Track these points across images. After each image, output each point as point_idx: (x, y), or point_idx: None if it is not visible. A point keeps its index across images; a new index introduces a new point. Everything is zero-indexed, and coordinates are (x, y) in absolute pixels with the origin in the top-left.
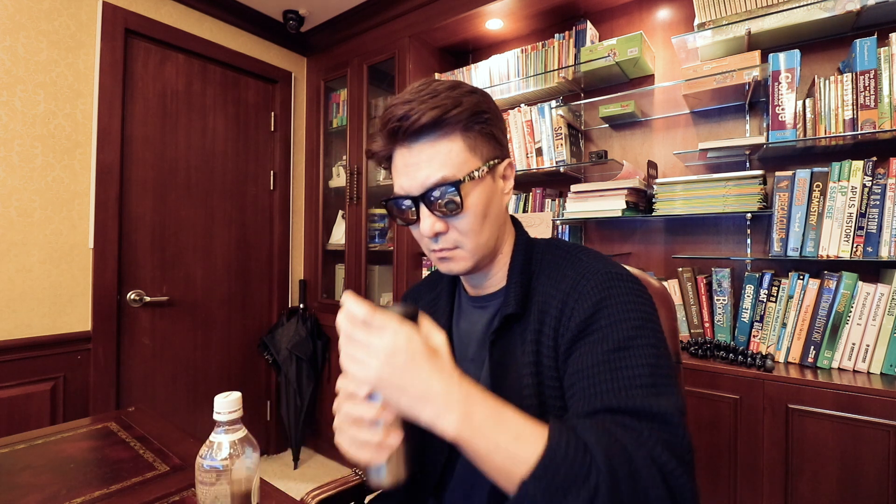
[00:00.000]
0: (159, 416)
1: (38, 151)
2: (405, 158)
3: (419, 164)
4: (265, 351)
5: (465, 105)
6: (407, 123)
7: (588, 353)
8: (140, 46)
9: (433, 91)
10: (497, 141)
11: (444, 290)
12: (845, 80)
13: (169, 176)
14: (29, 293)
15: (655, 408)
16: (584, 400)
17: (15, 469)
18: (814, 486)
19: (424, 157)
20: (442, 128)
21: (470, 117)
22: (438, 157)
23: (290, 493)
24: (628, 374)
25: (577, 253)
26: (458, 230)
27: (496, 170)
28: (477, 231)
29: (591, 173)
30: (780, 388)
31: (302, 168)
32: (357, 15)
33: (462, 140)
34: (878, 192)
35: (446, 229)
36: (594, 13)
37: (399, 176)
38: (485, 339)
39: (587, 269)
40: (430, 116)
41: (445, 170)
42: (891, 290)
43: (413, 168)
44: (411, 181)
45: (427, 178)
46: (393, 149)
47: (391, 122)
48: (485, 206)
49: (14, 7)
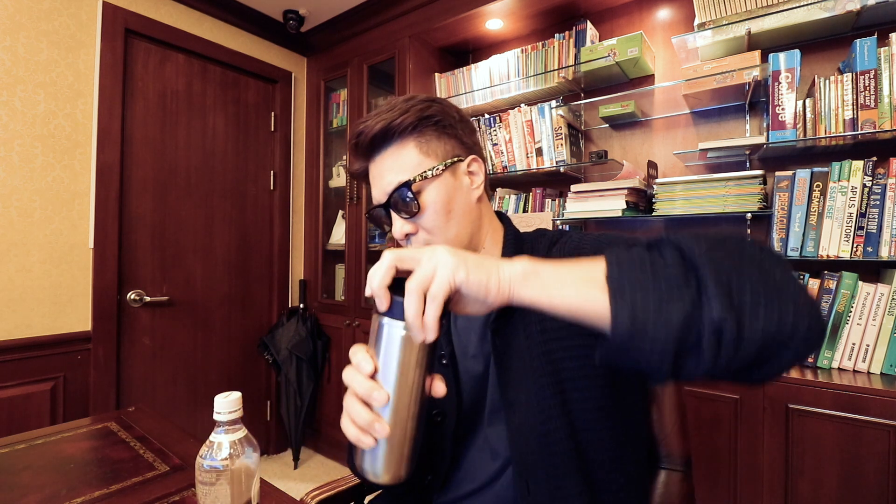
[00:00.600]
0: (159, 416)
1: (38, 151)
2: (372, 171)
3: (382, 173)
4: (265, 351)
5: (412, 112)
6: (361, 138)
7: None
8: (140, 46)
9: (389, 106)
10: (458, 140)
11: None
12: (845, 80)
13: (169, 176)
14: (29, 293)
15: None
16: None
17: (15, 469)
18: (814, 486)
19: (385, 166)
20: (394, 136)
21: (418, 121)
22: (396, 164)
23: (290, 493)
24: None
25: (562, 235)
26: (425, 229)
27: (458, 167)
28: (442, 227)
29: (591, 173)
30: (780, 388)
31: (302, 168)
32: (357, 15)
33: (415, 145)
34: (878, 192)
35: (416, 230)
36: (594, 13)
37: (372, 188)
38: (483, 333)
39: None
40: (379, 126)
41: (402, 175)
42: (891, 290)
43: (378, 178)
44: (378, 191)
45: (388, 185)
46: (366, 165)
47: (351, 139)
48: (445, 202)
49: (14, 7)
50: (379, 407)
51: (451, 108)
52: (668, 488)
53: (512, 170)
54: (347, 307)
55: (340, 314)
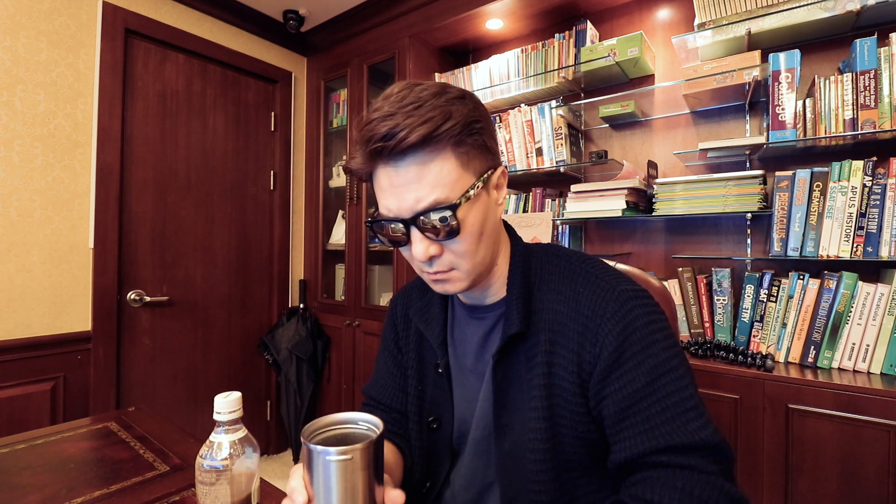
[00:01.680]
0: (159, 416)
1: (38, 151)
2: (391, 178)
3: (407, 185)
4: (265, 351)
5: (457, 117)
6: (392, 143)
7: (628, 385)
8: (140, 46)
9: (417, 100)
10: (489, 151)
11: (437, 297)
12: (845, 80)
13: (169, 176)
14: (29, 293)
15: (708, 440)
16: (640, 438)
17: (15, 469)
18: (814, 486)
19: (412, 176)
20: (431, 144)
21: (462, 131)
22: (429, 177)
23: None
24: (675, 400)
25: (582, 265)
26: (454, 252)
27: (490, 181)
28: (473, 252)
29: (591, 173)
30: (780, 387)
31: (302, 168)
32: (357, 15)
33: (454, 157)
34: (879, 192)
35: (441, 252)
36: (594, 13)
37: (385, 196)
38: (481, 350)
39: (602, 288)
40: (419, 134)
41: (438, 191)
42: (891, 290)
43: (401, 189)
44: (399, 203)
45: (417, 202)
46: (374, 166)
47: (373, 141)
48: (481, 224)
49: (14, 7)
50: None
51: (483, 106)
52: None
53: (512, 170)
54: (347, 307)
55: (340, 314)
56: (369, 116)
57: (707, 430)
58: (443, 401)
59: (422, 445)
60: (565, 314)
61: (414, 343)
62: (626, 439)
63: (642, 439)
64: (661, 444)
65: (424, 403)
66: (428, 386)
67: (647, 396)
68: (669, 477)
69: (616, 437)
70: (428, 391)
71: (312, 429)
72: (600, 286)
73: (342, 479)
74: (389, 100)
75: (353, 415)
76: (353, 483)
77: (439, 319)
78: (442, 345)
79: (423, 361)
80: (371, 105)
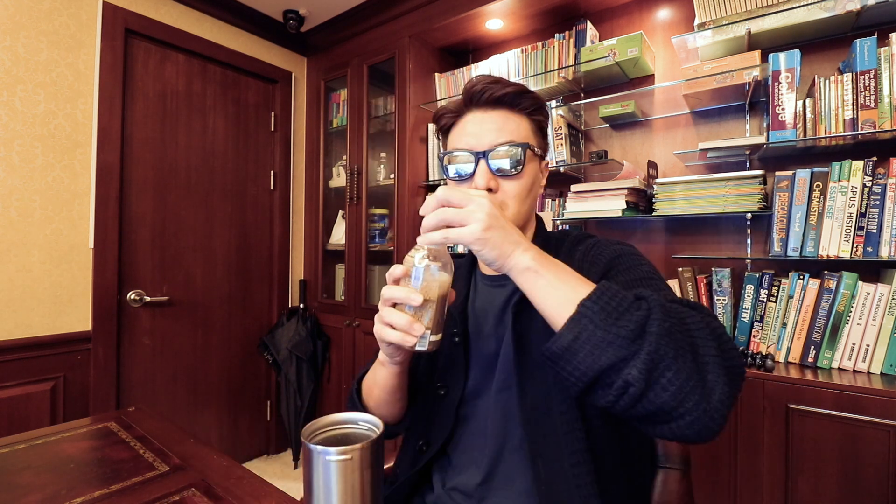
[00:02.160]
0: (159, 416)
1: (38, 151)
2: (477, 121)
3: (491, 128)
4: (265, 351)
5: (536, 98)
6: (495, 87)
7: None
8: (140, 46)
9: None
10: (545, 140)
11: (463, 270)
12: (845, 80)
13: (169, 176)
14: (29, 293)
15: (697, 304)
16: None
17: (15, 469)
18: (814, 486)
19: (497, 123)
20: (517, 105)
21: (536, 108)
22: (508, 127)
23: (291, 493)
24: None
25: (587, 236)
26: (507, 193)
27: (543, 160)
28: (522, 198)
29: (591, 173)
30: (780, 387)
31: (302, 168)
32: (357, 15)
33: (528, 123)
34: (879, 192)
35: (497, 188)
36: (594, 13)
37: (466, 135)
38: (502, 315)
39: (608, 242)
40: (514, 88)
41: (514, 136)
42: (891, 290)
43: (485, 130)
44: (479, 139)
45: (496, 139)
46: (467, 111)
47: (480, 83)
48: (532, 181)
49: (14, 7)
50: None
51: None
52: (667, 486)
53: None
54: (347, 307)
55: (340, 314)
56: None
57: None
58: (455, 369)
59: (424, 409)
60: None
61: None
62: None
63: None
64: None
65: (435, 371)
66: (441, 355)
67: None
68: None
69: None
70: (440, 361)
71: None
72: (607, 242)
73: (342, 478)
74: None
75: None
76: (353, 483)
77: (462, 292)
78: (462, 314)
79: None
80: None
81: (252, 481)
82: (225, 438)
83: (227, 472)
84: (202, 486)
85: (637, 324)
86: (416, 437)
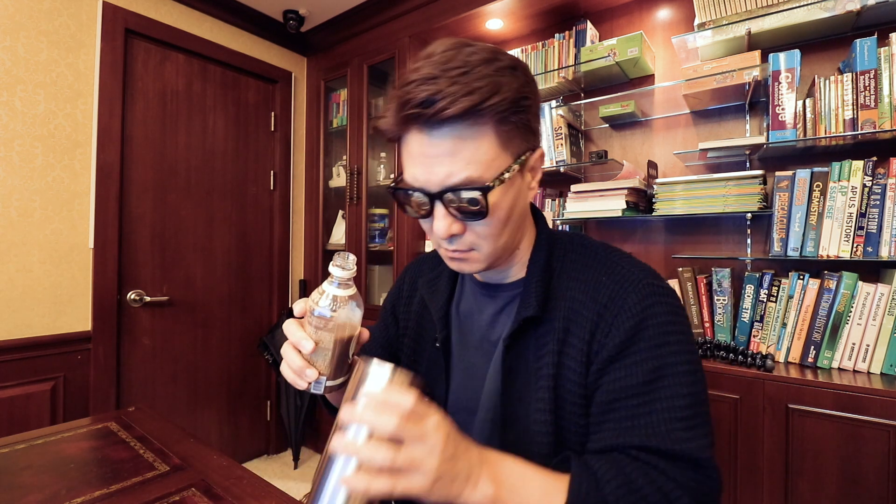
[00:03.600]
0: (159, 416)
1: (38, 151)
2: (422, 147)
3: (440, 157)
4: (265, 351)
5: (505, 92)
6: (430, 112)
7: (624, 378)
8: (140, 46)
9: (464, 65)
10: (532, 131)
11: (447, 271)
12: (845, 80)
13: (169, 176)
14: (29, 293)
15: (687, 451)
16: (617, 432)
17: (15, 469)
18: (814, 486)
19: (447, 149)
20: (473, 118)
21: (508, 108)
22: (464, 153)
23: (290, 493)
24: (666, 405)
25: (609, 255)
26: (477, 234)
27: (527, 164)
28: (497, 236)
29: (591, 173)
30: (780, 388)
31: (302, 168)
32: (357, 15)
33: (494, 134)
34: (879, 192)
35: (463, 231)
36: (594, 13)
37: (413, 164)
38: (489, 330)
39: (625, 279)
40: (461, 107)
41: (471, 169)
42: (891, 290)
43: (432, 161)
44: (428, 175)
45: (448, 177)
46: (406, 131)
47: (410, 105)
48: (510, 209)
49: (14, 7)
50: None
51: (534, 79)
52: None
53: None
54: None
55: None
56: (408, 77)
57: (693, 442)
58: (436, 377)
59: None
60: (582, 302)
61: (415, 314)
62: (604, 430)
63: (620, 434)
64: (636, 442)
65: (418, 374)
66: (423, 361)
67: (638, 395)
68: (625, 462)
69: (597, 428)
70: (422, 366)
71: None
72: (624, 276)
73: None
74: (433, 59)
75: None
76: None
77: (445, 292)
78: (442, 318)
79: (421, 334)
80: (412, 64)
81: (252, 481)
82: (225, 438)
83: (227, 472)
84: (202, 486)
85: None
86: None
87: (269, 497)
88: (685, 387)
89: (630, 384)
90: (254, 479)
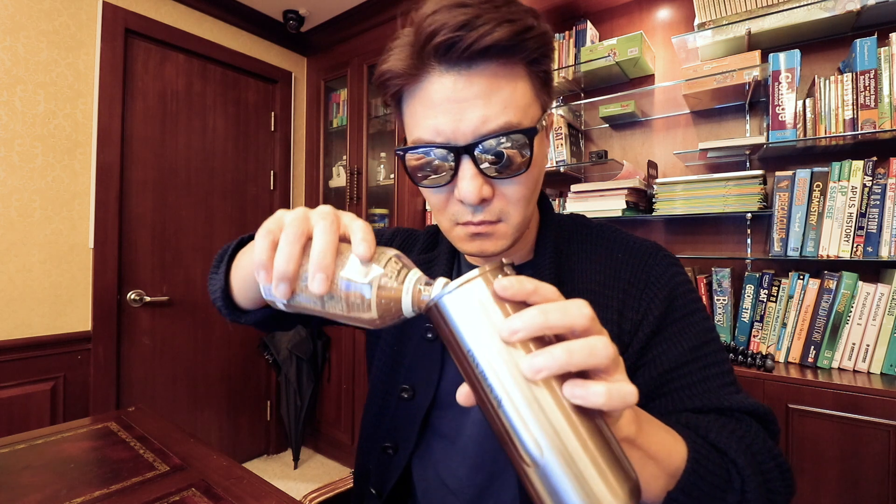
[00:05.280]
0: (159, 416)
1: (38, 151)
2: (452, 89)
3: (471, 100)
4: (265, 351)
5: (540, 30)
6: (469, 39)
7: (672, 349)
8: (140, 46)
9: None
10: (550, 85)
11: (444, 253)
12: (845, 80)
13: (169, 176)
14: (29, 293)
15: (758, 407)
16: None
17: (15, 469)
18: (814, 486)
19: (481, 90)
20: (509, 55)
21: (541, 48)
22: (501, 95)
23: (290, 493)
24: (716, 370)
25: (614, 232)
26: (507, 198)
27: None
28: (528, 199)
29: (591, 173)
30: (780, 387)
31: (302, 168)
32: (357, 15)
33: (528, 78)
34: (879, 192)
35: (492, 195)
36: (594, 13)
37: (433, 114)
38: None
39: (642, 251)
40: (503, 34)
41: (509, 113)
42: (891, 290)
43: (462, 106)
44: (456, 123)
45: (484, 123)
46: (425, 72)
47: (441, 32)
48: (541, 168)
49: (14, 7)
50: None
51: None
52: None
53: None
54: None
55: None
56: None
57: (751, 399)
58: (425, 371)
59: (382, 414)
60: (603, 283)
61: None
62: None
63: (685, 399)
64: (707, 405)
65: (399, 370)
66: (407, 353)
67: (690, 362)
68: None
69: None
70: (406, 358)
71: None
72: (641, 251)
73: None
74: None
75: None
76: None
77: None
78: None
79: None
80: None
81: (252, 481)
82: (225, 438)
83: (227, 472)
84: (202, 486)
85: (736, 492)
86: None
87: (269, 497)
88: (722, 352)
89: (679, 352)
90: (254, 479)
